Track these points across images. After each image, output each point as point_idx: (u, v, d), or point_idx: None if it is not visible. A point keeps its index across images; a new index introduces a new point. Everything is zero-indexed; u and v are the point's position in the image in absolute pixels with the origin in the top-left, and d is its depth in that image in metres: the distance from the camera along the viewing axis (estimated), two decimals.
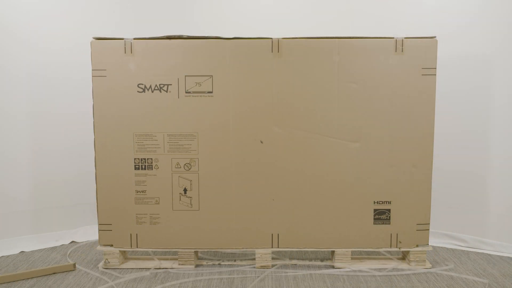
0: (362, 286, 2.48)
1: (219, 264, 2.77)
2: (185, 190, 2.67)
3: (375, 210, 2.68)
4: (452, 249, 3.05)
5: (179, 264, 2.72)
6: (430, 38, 2.56)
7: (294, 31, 2.78)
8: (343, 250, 2.70)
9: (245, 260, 2.82)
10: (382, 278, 2.57)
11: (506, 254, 2.93)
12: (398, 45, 2.55)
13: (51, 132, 3.15)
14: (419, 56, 2.56)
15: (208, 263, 2.77)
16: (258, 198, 2.67)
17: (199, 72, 2.59)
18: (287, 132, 2.62)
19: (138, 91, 2.60)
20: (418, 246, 2.71)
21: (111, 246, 2.72)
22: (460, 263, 2.80)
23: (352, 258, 2.75)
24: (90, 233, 3.26)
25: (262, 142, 2.63)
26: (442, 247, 3.07)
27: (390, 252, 2.90)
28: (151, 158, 2.65)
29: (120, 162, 2.65)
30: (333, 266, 2.73)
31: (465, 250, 3.02)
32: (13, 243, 2.94)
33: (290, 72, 2.59)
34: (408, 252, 2.73)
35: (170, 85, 2.60)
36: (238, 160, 2.65)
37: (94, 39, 2.58)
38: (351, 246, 2.71)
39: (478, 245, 3.03)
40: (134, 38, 2.58)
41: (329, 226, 2.70)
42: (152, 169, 2.66)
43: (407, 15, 3.18)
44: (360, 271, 2.66)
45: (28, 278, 2.55)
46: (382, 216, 2.68)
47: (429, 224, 2.69)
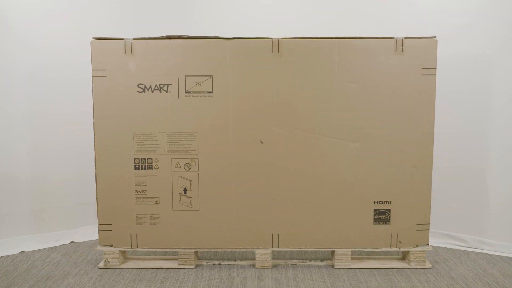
0: (362, 286, 2.48)
1: (219, 264, 2.77)
2: (185, 190, 2.67)
3: (375, 210, 2.68)
4: (452, 249, 3.05)
5: (179, 264, 2.72)
6: (430, 38, 2.56)
7: (294, 31, 2.79)
8: (343, 250, 2.71)
9: (245, 260, 2.82)
10: (382, 278, 2.57)
11: (506, 254, 2.93)
12: (398, 45, 2.55)
13: (51, 132, 3.15)
14: (419, 56, 2.56)
15: (208, 263, 2.77)
16: (258, 198, 2.68)
17: (199, 72, 2.59)
18: (287, 132, 2.62)
19: (138, 91, 2.60)
20: (418, 246, 2.71)
21: (111, 246, 2.72)
22: (460, 263, 2.80)
23: (352, 258, 2.75)
24: (90, 233, 3.26)
25: (262, 142, 2.63)
26: (442, 247, 3.07)
27: (390, 252, 2.90)
28: (151, 158, 2.65)
29: (120, 162, 2.65)
30: (333, 266, 2.73)
31: (465, 250, 3.02)
32: (13, 243, 2.94)
33: (290, 72, 2.59)
34: (408, 252, 2.74)
35: (170, 85, 2.60)
36: (238, 160, 2.65)
37: (94, 39, 2.58)
38: (351, 246, 2.71)
39: (478, 245, 3.03)
40: (134, 38, 2.58)
41: (329, 226, 2.70)
42: (152, 169, 2.66)
43: (407, 15, 3.18)
44: (360, 271, 2.67)
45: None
46: (382, 216, 2.68)
47: (429, 224, 2.69)
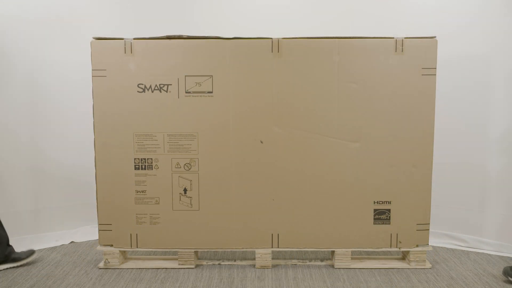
0: (362, 286, 2.48)
1: (219, 264, 2.77)
2: (185, 190, 2.67)
3: (375, 210, 2.68)
4: (452, 249, 3.05)
5: (179, 264, 2.72)
6: (430, 38, 2.56)
7: (294, 31, 2.79)
8: (343, 250, 2.71)
9: (245, 260, 2.82)
10: (382, 278, 2.57)
11: (506, 254, 2.94)
12: (398, 45, 2.55)
13: (51, 132, 3.15)
14: (419, 56, 2.56)
15: (208, 263, 2.77)
16: (258, 198, 2.68)
17: (199, 72, 2.59)
18: (287, 132, 2.62)
19: (138, 91, 2.60)
20: (418, 246, 2.71)
21: (111, 246, 2.72)
22: (460, 263, 2.80)
23: (352, 258, 2.75)
24: (90, 233, 3.26)
25: (262, 142, 2.63)
26: (442, 247, 3.07)
27: (390, 252, 2.90)
28: (151, 158, 2.65)
29: (120, 162, 2.65)
30: (333, 266, 2.73)
31: (465, 250, 3.02)
32: (13, 243, 2.93)
33: (290, 72, 2.59)
34: (408, 252, 2.74)
35: (170, 85, 2.60)
36: (238, 160, 2.65)
37: (94, 39, 2.58)
38: (351, 246, 2.71)
39: (478, 245, 3.02)
40: (134, 38, 2.58)
41: (329, 226, 2.70)
42: (152, 169, 2.66)
43: (407, 15, 3.18)
44: (360, 271, 2.67)
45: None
46: (382, 216, 2.68)
47: (429, 224, 2.69)
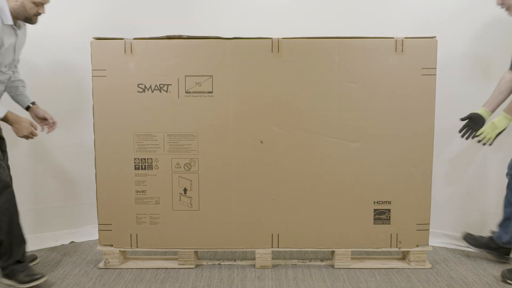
0: (362, 286, 2.48)
1: (219, 264, 2.77)
2: (185, 190, 2.67)
3: (375, 210, 2.68)
4: (452, 249, 3.05)
5: (179, 264, 2.72)
6: (430, 38, 2.55)
7: (294, 31, 2.77)
8: (343, 250, 2.71)
9: (245, 260, 2.82)
10: (382, 278, 2.57)
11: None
12: (398, 45, 2.55)
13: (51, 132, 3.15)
14: (419, 56, 2.56)
15: (208, 263, 2.77)
16: (258, 198, 2.68)
17: (199, 72, 2.58)
18: (287, 132, 2.62)
19: (138, 91, 2.60)
20: (418, 246, 2.71)
21: (111, 246, 2.72)
22: (460, 263, 2.80)
23: (352, 258, 2.75)
24: (90, 233, 3.26)
25: (262, 142, 2.63)
26: (442, 247, 3.06)
27: (390, 252, 2.90)
28: (151, 158, 2.65)
29: (120, 162, 2.65)
30: (333, 266, 2.73)
31: (465, 250, 3.02)
32: None
33: (290, 72, 2.59)
34: (408, 252, 2.74)
35: (170, 85, 2.59)
36: (238, 160, 2.65)
37: (94, 39, 2.58)
38: (351, 246, 2.71)
39: None
40: (134, 38, 2.57)
41: (329, 226, 2.70)
42: (152, 169, 2.66)
43: (407, 15, 3.18)
44: (360, 271, 2.67)
45: None
46: (382, 216, 2.68)
47: (429, 224, 2.69)
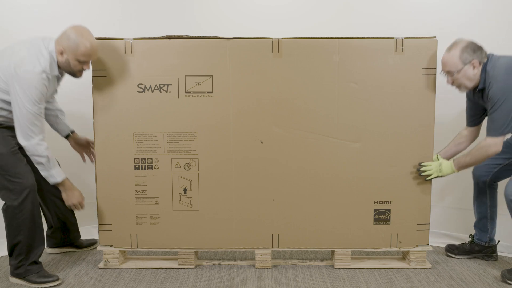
0: (362, 286, 2.48)
1: (219, 264, 2.77)
2: (185, 190, 2.67)
3: (375, 210, 2.68)
4: None
5: (179, 264, 2.72)
6: (430, 38, 2.55)
7: (294, 30, 2.77)
8: (343, 250, 2.71)
9: (245, 260, 2.82)
10: (382, 278, 2.58)
11: (506, 254, 2.94)
12: (398, 45, 2.55)
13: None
14: (419, 56, 2.56)
15: (208, 263, 2.77)
16: (258, 198, 2.67)
17: (199, 72, 2.58)
18: (287, 132, 2.62)
19: (138, 91, 2.60)
20: (418, 246, 2.71)
21: (111, 246, 2.72)
22: (460, 263, 2.80)
23: (352, 258, 2.75)
24: (90, 233, 3.25)
25: (262, 142, 2.63)
26: (442, 247, 3.05)
27: (390, 252, 2.90)
28: (151, 158, 2.65)
29: (120, 162, 2.65)
30: (333, 266, 2.73)
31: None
32: None
33: (291, 72, 2.58)
34: (408, 252, 2.74)
35: (170, 85, 2.59)
36: (238, 160, 2.65)
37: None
38: (351, 246, 2.71)
39: None
40: (134, 38, 2.57)
41: (329, 226, 2.70)
42: (152, 169, 2.66)
43: (407, 15, 3.18)
44: (360, 271, 2.67)
45: None
46: (382, 216, 2.68)
47: (429, 224, 2.69)
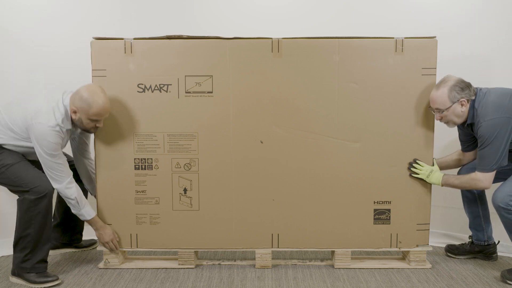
0: (362, 286, 2.48)
1: (219, 264, 2.76)
2: (185, 190, 2.67)
3: (375, 210, 2.68)
4: None
5: (179, 264, 2.72)
6: (430, 38, 2.55)
7: (294, 30, 2.77)
8: (343, 250, 2.71)
9: (245, 260, 2.82)
10: (382, 278, 2.57)
11: (506, 254, 2.94)
12: (398, 45, 2.55)
13: None
14: (419, 56, 2.55)
15: (208, 263, 2.77)
16: (258, 198, 2.67)
17: (199, 72, 2.58)
18: (287, 132, 2.62)
19: (138, 91, 2.60)
20: (418, 246, 2.71)
21: None
22: (460, 263, 2.79)
23: (352, 258, 2.74)
24: (90, 233, 3.23)
25: (262, 142, 2.63)
26: (442, 247, 3.05)
27: (390, 252, 2.90)
28: (151, 158, 2.65)
29: (120, 162, 2.65)
30: (333, 266, 2.73)
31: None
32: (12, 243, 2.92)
33: (290, 72, 2.58)
34: (408, 252, 2.74)
35: (170, 85, 2.59)
36: (238, 160, 2.64)
37: (94, 39, 2.57)
38: (351, 246, 2.71)
39: None
40: (134, 38, 2.57)
41: (329, 226, 2.70)
42: (152, 169, 2.66)
43: (407, 15, 3.18)
44: (360, 271, 2.67)
45: None
46: (382, 216, 2.68)
47: (429, 224, 2.69)
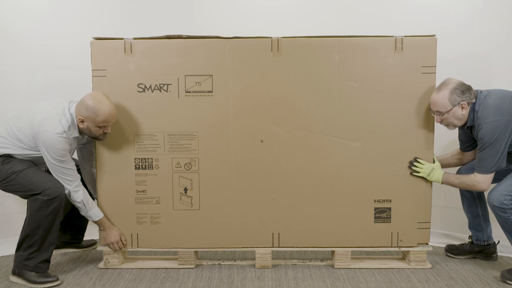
0: (362, 286, 2.48)
1: (219, 264, 2.76)
2: (185, 190, 2.67)
3: (376, 209, 2.68)
4: None
5: (179, 264, 2.72)
6: (430, 36, 2.55)
7: (293, 30, 2.78)
8: (343, 250, 2.70)
9: (245, 260, 2.82)
10: (382, 278, 2.57)
11: (506, 254, 2.93)
12: (398, 43, 2.55)
13: None
14: (419, 54, 2.55)
15: (208, 263, 2.77)
16: (259, 197, 2.67)
17: (199, 71, 2.59)
18: (287, 131, 2.62)
19: (138, 91, 2.60)
20: (418, 245, 2.71)
21: None
22: (460, 263, 2.79)
23: (352, 258, 2.74)
24: (90, 233, 3.24)
25: (262, 141, 2.63)
26: (442, 247, 3.05)
27: (390, 252, 2.90)
28: (152, 158, 2.65)
29: (120, 162, 2.65)
30: (333, 266, 2.73)
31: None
32: (12, 243, 2.91)
33: (290, 71, 2.58)
34: (408, 252, 2.73)
35: (170, 84, 2.59)
36: (239, 159, 2.64)
37: (94, 39, 2.58)
38: (352, 245, 2.71)
39: None
40: (134, 38, 2.57)
41: (329, 225, 2.69)
42: (152, 168, 2.65)
43: (407, 15, 3.18)
44: (360, 271, 2.67)
45: None
46: (382, 214, 2.68)
47: (429, 222, 2.69)
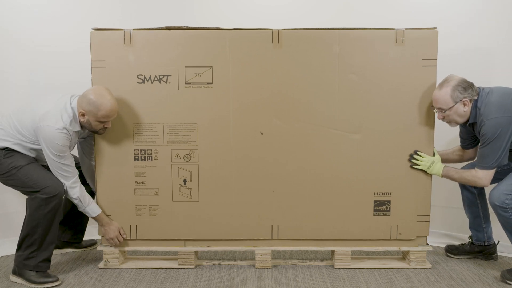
0: (362, 286, 2.45)
1: (219, 264, 2.73)
2: (184, 181, 2.64)
3: (375, 202, 2.66)
4: None
5: (179, 264, 2.69)
6: (431, 29, 2.56)
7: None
8: (343, 249, 2.68)
9: (245, 260, 2.79)
10: (382, 278, 2.55)
11: (506, 254, 2.92)
12: (399, 36, 2.56)
13: None
14: (420, 47, 2.56)
15: (208, 263, 2.74)
16: (258, 190, 2.65)
17: (199, 63, 2.58)
18: (287, 123, 2.61)
19: (137, 82, 2.59)
20: (418, 245, 2.69)
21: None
22: (460, 263, 2.77)
23: (352, 258, 2.72)
24: (90, 233, 3.19)
25: (262, 133, 2.62)
26: (442, 247, 3.02)
27: (390, 252, 2.88)
28: (151, 149, 2.63)
29: (119, 153, 2.63)
30: (333, 266, 2.70)
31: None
32: (12, 243, 2.86)
33: (290, 63, 2.58)
34: (408, 252, 2.72)
35: (170, 76, 2.59)
36: (238, 151, 2.63)
37: (93, 30, 2.57)
38: (351, 237, 2.69)
39: None
40: (134, 29, 2.57)
41: (329, 217, 2.67)
42: (151, 160, 2.63)
43: (407, 15, 3.20)
44: (360, 271, 2.64)
45: None
46: (382, 207, 2.66)
47: (429, 215, 2.67)
